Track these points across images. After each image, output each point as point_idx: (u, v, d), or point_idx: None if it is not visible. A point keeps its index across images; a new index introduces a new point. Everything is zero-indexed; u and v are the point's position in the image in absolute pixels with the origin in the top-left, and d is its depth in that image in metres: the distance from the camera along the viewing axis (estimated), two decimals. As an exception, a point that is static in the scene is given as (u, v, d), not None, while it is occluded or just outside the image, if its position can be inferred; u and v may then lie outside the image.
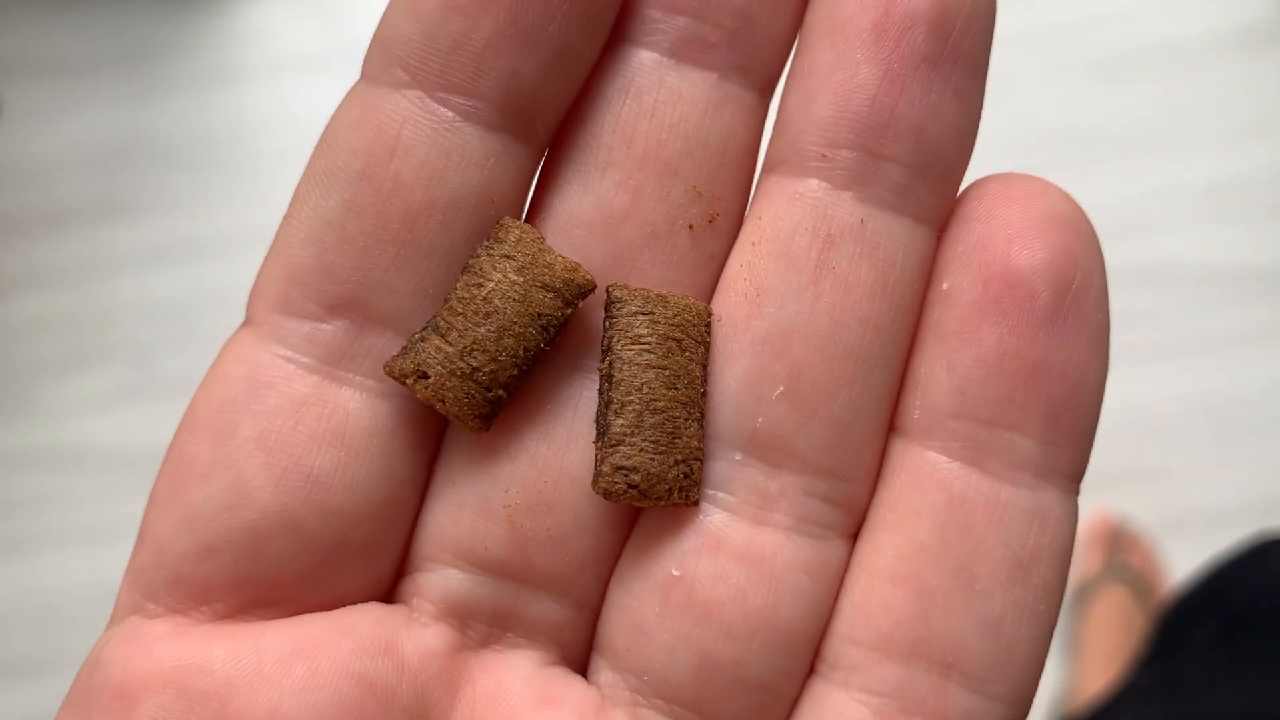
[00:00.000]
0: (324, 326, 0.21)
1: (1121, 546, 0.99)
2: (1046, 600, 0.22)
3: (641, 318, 0.22)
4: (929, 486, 0.22)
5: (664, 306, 0.22)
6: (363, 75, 0.22)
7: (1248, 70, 1.09)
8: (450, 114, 0.21)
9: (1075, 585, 1.00)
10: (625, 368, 0.22)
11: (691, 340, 0.22)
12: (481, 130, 0.21)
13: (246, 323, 0.22)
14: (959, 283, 0.22)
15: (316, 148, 0.22)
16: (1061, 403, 0.21)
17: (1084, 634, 0.97)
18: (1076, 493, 0.22)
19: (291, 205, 0.22)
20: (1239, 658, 0.61)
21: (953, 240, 0.22)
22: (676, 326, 0.22)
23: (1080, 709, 0.73)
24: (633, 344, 0.22)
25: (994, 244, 0.21)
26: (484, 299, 0.22)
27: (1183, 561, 0.96)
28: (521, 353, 0.22)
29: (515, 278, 0.21)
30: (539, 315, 0.22)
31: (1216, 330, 1.04)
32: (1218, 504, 1.00)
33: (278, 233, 0.22)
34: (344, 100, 0.22)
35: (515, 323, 0.22)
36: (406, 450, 0.22)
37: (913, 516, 0.22)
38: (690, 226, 0.22)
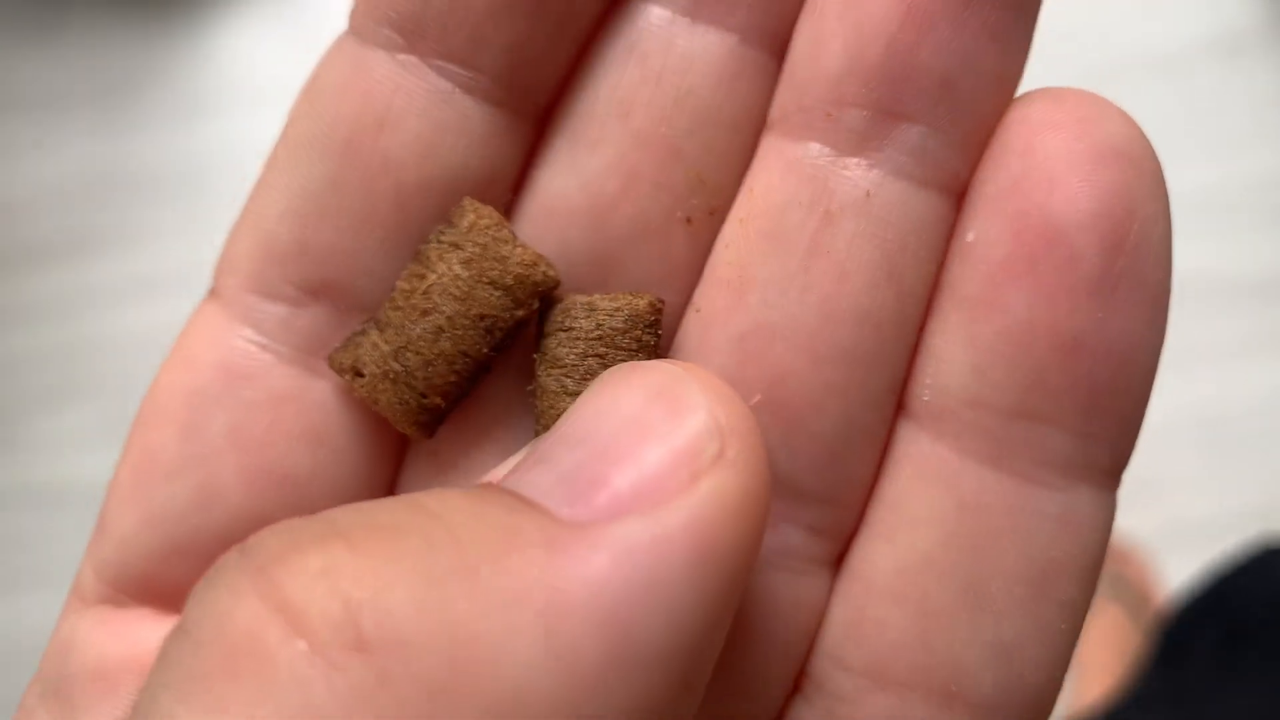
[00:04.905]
0: (301, 311, 0.20)
1: (1115, 560, 0.99)
2: (1069, 618, 0.19)
3: (560, 335, 0.19)
4: (937, 488, 0.19)
5: (588, 316, 0.19)
6: (350, 28, 0.19)
7: (1230, 81, 1.10)
8: (448, 85, 0.19)
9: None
10: (544, 398, 0.19)
11: (623, 352, 0.19)
12: (482, 105, 0.19)
13: (214, 297, 0.20)
14: (987, 234, 0.18)
15: (296, 107, 0.20)
16: (1104, 386, 0.18)
17: (1081, 651, 0.96)
18: (1116, 488, 0.19)
19: (267, 171, 0.20)
20: (1242, 668, 0.61)
21: (984, 176, 0.18)
22: (600, 340, 0.19)
23: (1082, 717, 0.72)
24: (552, 368, 0.19)
25: (1032, 186, 0.18)
26: (423, 293, 0.19)
27: (1178, 574, 0.96)
28: (461, 359, 0.19)
29: (460, 271, 0.19)
30: (482, 316, 0.19)
31: (1207, 341, 1.04)
32: (1212, 515, 1.00)
33: (250, 199, 0.20)
34: (328, 55, 0.19)
35: (454, 324, 0.19)
36: (389, 452, 0.20)
37: (917, 523, 0.19)
38: (688, 220, 0.19)
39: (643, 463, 0.15)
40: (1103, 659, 0.93)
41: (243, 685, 0.13)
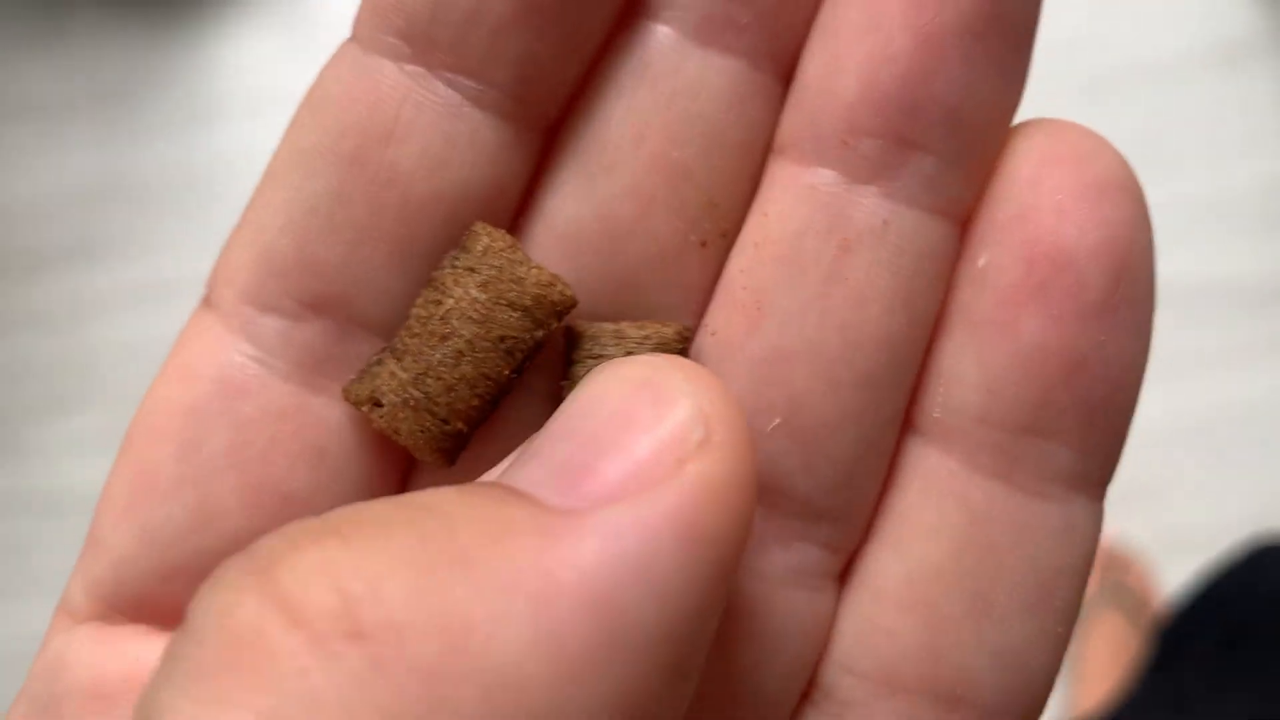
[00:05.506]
0: (301, 326, 0.19)
1: (1116, 567, 0.99)
2: (1065, 622, 0.20)
3: (589, 363, 0.19)
4: (948, 502, 0.19)
5: (617, 345, 0.19)
6: (354, 35, 0.19)
7: (1230, 87, 1.10)
8: (457, 97, 0.19)
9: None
10: None
11: None
12: (493, 118, 0.19)
13: (210, 307, 0.20)
14: (999, 260, 0.19)
15: (297, 117, 0.19)
16: (1101, 403, 0.19)
17: (1083, 659, 0.96)
18: (1104, 498, 0.20)
19: (266, 181, 0.19)
20: (1239, 669, 0.61)
21: (993, 204, 0.19)
22: None
23: (1080, 723, 0.72)
24: None
25: (1042, 216, 0.18)
26: (441, 319, 0.19)
27: (1178, 580, 0.96)
28: (482, 382, 0.19)
29: (477, 294, 0.19)
30: (503, 339, 0.19)
31: (1206, 346, 1.04)
32: (1212, 522, 1.00)
33: (249, 210, 0.19)
34: (331, 63, 0.19)
35: (475, 347, 0.19)
36: (390, 471, 0.20)
37: (928, 536, 0.19)
38: (702, 243, 0.20)
39: (630, 452, 0.15)
40: (1104, 665, 0.93)
41: (244, 677, 0.13)
